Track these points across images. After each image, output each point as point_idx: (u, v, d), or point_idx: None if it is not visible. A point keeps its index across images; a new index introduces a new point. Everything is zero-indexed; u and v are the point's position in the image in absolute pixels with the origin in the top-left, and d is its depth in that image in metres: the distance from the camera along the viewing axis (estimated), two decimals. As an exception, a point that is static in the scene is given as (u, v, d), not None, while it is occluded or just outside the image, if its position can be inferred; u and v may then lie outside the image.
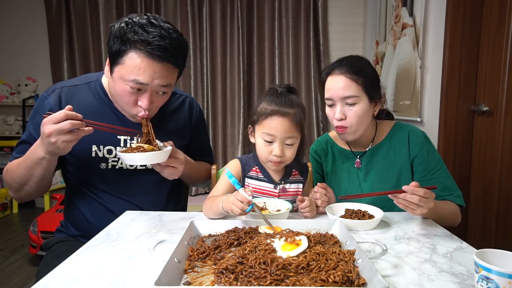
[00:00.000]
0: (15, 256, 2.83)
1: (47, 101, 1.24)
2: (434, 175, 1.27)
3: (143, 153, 1.07)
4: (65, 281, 0.77)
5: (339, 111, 1.25)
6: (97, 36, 3.86)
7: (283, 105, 1.17)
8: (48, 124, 0.98)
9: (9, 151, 4.08)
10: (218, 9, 3.79)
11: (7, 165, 1.25)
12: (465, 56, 2.07)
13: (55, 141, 0.99)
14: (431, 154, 1.29)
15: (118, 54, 1.11)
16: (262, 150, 1.21)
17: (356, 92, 1.22)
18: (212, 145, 3.78)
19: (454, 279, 0.77)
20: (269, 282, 0.68)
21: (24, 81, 4.02)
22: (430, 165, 1.28)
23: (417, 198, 0.99)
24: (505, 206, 1.84)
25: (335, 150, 1.43)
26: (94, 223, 1.27)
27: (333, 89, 1.25)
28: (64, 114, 0.98)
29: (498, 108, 1.88)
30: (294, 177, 1.31)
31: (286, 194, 1.27)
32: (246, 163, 1.29)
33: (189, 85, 3.87)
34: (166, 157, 1.13)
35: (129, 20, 1.12)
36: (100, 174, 1.27)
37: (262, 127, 1.19)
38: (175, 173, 1.20)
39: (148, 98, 1.15)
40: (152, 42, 1.08)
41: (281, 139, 1.18)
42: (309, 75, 3.84)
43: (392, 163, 1.32)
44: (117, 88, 1.16)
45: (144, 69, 1.09)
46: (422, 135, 1.32)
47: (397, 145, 1.33)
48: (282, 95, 1.21)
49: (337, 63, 1.28)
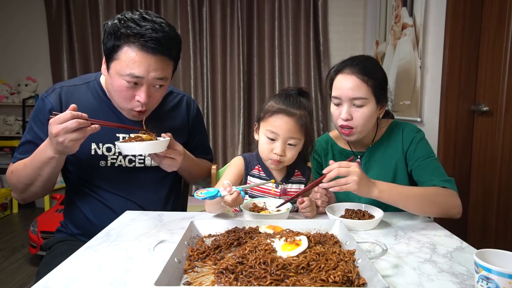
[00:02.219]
0: (15, 256, 2.83)
1: (48, 100, 1.26)
2: (422, 162, 1.25)
3: (142, 142, 1.08)
4: (65, 281, 0.77)
5: (346, 111, 1.22)
6: (97, 36, 3.85)
7: (290, 105, 1.19)
8: (55, 124, 1.01)
9: (9, 151, 4.08)
10: (218, 9, 3.79)
11: (10, 166, 1.25)
12: (465, 56, 2.07)
13: (62, 140, 1.01)
14: (421, 145, 1.28)
15: (113, 50, 1.13)
16: (264, 148, 1.22)
17: (365, 94, 1.21)
18: (212, 145, 3.79)
19: (454, 279, 0.77)
20: (269, 282, 0.68)
21: (24, 81, 4.02)
22: (420, 155, 1.26)
23: (336, 171, 1.02)
24: (505, 206, 1.84)
25: (335, 150, 1.43)
26: (93, 221, 1.28)
27: (342, 88, 1.22)
28: (70, 114, 1.01)
29: (498, 108, 1.88)
30: (296, 178, 1.31)
31: (287, 194, 1.28)
32: (250, 161, 1.30)
33: (189, 85, 3.87)
34: (164, 147, 1.13)
35: (122, 16, 1.14)
36: (100, 172, 1.28)
37: (267, 124, 1.20)
38: (173, 165, 1.20)
39: (145, 91, 1.16)
40: (145, 34, 1.09)
41: (283, 138, 1.18)
42: (309, 75, 3.84)
43: (389, 161, 1.33)
44: (114, 84, 1.17)
45: (139, 63, 1.11)
46: (416, 130, 1.32)
47: (393, 142, 1.34)
48: (291, 96, 1.23)
49: (349, 61, 1.26)
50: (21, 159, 1.23)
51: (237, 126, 3.90)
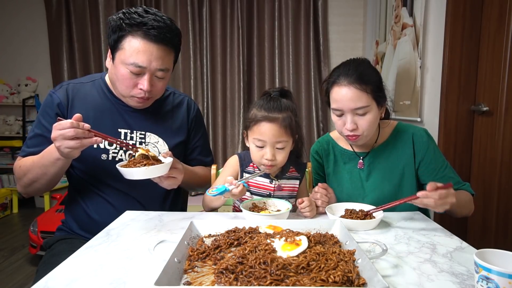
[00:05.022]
0: (15, 256, 2.83)
1: (55, 95, 1.30)
2: (443, 172, 1.29)
3: (146, 168, 1.06)
4: (65, 281, 0.77)
5: (350, 121, 1.20)
6: (97, 36, 3.86)
7: (271, 111, 1.20)
8: (55, 129, 1.04)
9: (9, 151, 4.08)
10: (218, 9, 3.79)
11: (18, 160, 1.28)
12: (465, 56, 2.07)
13: (59, 145, 1.04)
14: (437, 152, 1.31)
15: (118, 40, 1.20)
16: (254, 155, 1.25)
17: (366, 102, 1.19)
18: (212, 145, 3.79)
19: (454, 279, 0.77)
20: (269, 282, 0.68)
21: (24, 81, 4.02)
22: (438, 164, 1.29)
23: (432, 200, 1.03)
24: (505, 206, 1.84)
25: (336, 151, 1.42)
26: (94, 217, 1.31)
27: (343, 101, 1.19)
28: (70, 122, 1.02)
29: (498, 108, 1.88)
30: (290, 174, 1.33)
31: (282, 190, 1.30)
32: (245, 158, 1.33)
33: (189, 85, 3.87)
34: (167, 169, 1.13)
35: (126, 10, 1.22)
36: (101, 165, 1.30)
37: (253, 132, 1.23)
38: (174, 183, 1.21)
39: (148, 80, 1.21)
40: (147, 23, 1.17)
41: (271, 144, 1.21)
42: (309, 75, 3.84)
43: (395, 164, 1.32)
44: (118, 73, 1.22)
45: (142, 52, 1.17)
46: (426, 134, 1.32)
47: (401, 146, 1.32)
48: (272, 100, 1.24)
49: (343, 70, 1.22)
50: (29, 152, 1.27)
51: (237, 126, 3.91)
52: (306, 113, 3.86)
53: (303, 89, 3.84)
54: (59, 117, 1.26)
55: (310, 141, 3.85)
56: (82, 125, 1.04)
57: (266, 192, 1.29)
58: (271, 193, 1.29)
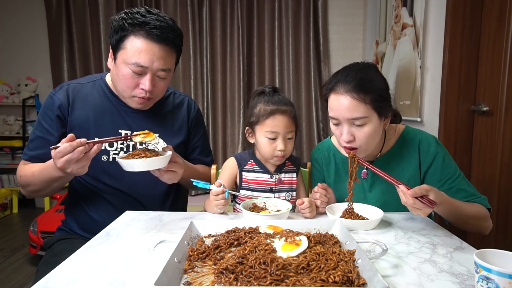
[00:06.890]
0: (15, 256, 2.83)
1: (56, 97, 1.30)
2: (453, 183, 1.18)
3: (145, 159, 1.07)
4: (65, 281, 0.77)
5: (347, 132, 1.12)
6: (97, 36, 3.86)
7: (280, 104, 1.27)
8: (57, 158, 1.02)
9: (9, 151, 4.07)
10: (218, 9, 3.79)
11: (20, 167, 1.28)
12: (465, 56, 2.07)
13: (70, 170, 1.04)
14: (446, 161, 1.21)
15: (120, 40, 1.19)
16: (266, 148, 1.27)
17: (364, 113, 1.09)
18: (212, 145, 3.79)
19: (454, 279, 0.77)
20: (269, 282, 0.68)
21: (24, 81, 4.01)
22: (447, 174, 1.19)
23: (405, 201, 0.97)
24: (505, 206, 1.84)
25: (338, 159, 1.34)
26: (93, 216, 1.31)
27: (338, 110, 1.12)
28: (69, 146, 1.00)
29: (498, 108, 1.88)
30: (288, 167, 1.37)
31: (282, 183, 1.34)
32: (242, 158, 1.37)
33: (189, 85, 3.87)
34: (166, 162, 1.13)
35: (128, 10, 1.22)
36: (102, 166, 1.30)
37: (264, 126, 1.26)
38: (174, 178, 1.21)
39: (149, 80, 1.20)
40: (150, 23, 1.17)
41: (283, 135, 1.26)
42: (309, 75, 3.84)
43: (400, 175, 1.23)
44: (119, 73, 1.22)
45: (144, 52, 1.17)
46: (434, 143, 1.23)
47: (406, 155, 1.24)
48: (273, 94, 1.30)
49: (342, 76, 1.13)
50: (31, 156, 1.27)
51: (237, 126, 3.90)
52: (306, 113, 3.86)
53: (303, 89, 3.84)
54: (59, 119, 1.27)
55: (310, 141, 3.86)
56: (79, 142, 1.01)
57: (268, 188, 1.32)
58: (273, 188, 1.32)
